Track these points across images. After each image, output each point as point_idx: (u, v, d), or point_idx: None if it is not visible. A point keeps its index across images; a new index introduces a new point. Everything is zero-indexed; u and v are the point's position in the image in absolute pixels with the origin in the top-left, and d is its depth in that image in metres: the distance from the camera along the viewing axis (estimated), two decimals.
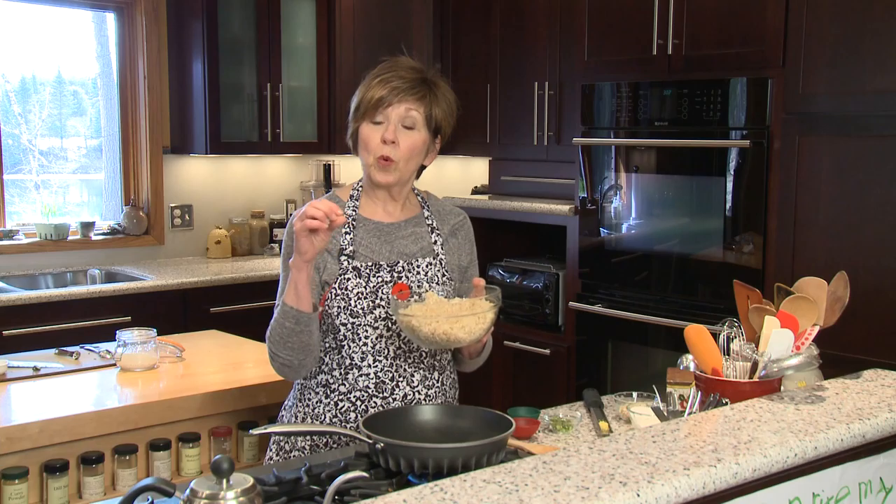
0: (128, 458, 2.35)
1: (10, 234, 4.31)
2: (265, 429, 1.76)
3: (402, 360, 2.05)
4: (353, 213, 2.09)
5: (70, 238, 4.43)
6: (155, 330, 2.78)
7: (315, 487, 1.64)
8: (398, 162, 2.03)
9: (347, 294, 2.01)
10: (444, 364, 2.12)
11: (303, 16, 4.84)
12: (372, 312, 2.01)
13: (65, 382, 2.62)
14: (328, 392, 2.05)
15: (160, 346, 2.80)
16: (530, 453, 1.79)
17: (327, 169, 5.02)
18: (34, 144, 4.62)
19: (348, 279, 2.02)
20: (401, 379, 2.05)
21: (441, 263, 2.11)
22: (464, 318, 1.86)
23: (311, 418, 2.07)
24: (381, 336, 2.03)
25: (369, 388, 2.03)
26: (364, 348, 2.03)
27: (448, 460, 1.63)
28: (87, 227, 4.50)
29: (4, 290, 3.93)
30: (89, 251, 4.48)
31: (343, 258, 2.04)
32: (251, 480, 1.37)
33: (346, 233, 2.06)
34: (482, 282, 1.96)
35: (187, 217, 4.80)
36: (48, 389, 2.55)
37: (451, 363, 2.17)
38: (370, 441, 1.69)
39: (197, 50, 4.52)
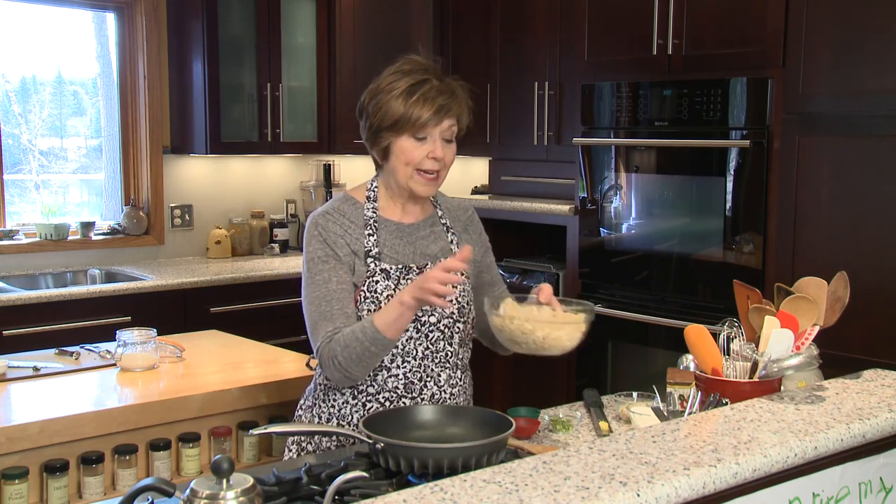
0: (128, 458, 2.35)
1: (10, 234, 4.31)
2: (265, 429, 1.76)
3: (429, 360, 2.06)
4: (374, 214, 2.09)
5: (70, 238, 4.43)
6: (155, 330, 2.78)
7: (315, 487, 1.64)
8: (442, 172, 2.06)
9: (377, 297, 2.01)
10: (465, 363, 2.16)
11: (303, 16, 4.84)
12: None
13: (65, 382, 2.62)
14: (356, 393, 2.06)
15: (160, 346, 2.80)
16: (530, 453, 1.79)
17: (327, 169, 5.02)
18: (34, 144, 4.62)
19: (377, 282, 2.02)
20: (428, 379, 2.06)
21: None
22: (568, 325, 1.87)
23: (339, 419, 2.07)
24: (410, 338, 2.04)
25: (398, 388, 2.04)
26: (394, 350, 2.03)
27: (448, 460, 1.63)
28: (87, 227, 4.50)
29: (4, 290, 3.93)
30: (89, 251, 4.48)
31: (370, 260, 2.04)
32: (251, 480, 1.37)
33: (369, 234, 2.06)
34: (549, 289, 1.95)
35: (187, 217, 4.80)
36: (48, 389, 2.55)
37: (468, 363, 2.19)
38: (370, 441, 1.69)
39: (197, 50, 4.52)
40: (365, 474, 1.53)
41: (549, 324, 1.86)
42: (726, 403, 1.80)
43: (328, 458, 1.86)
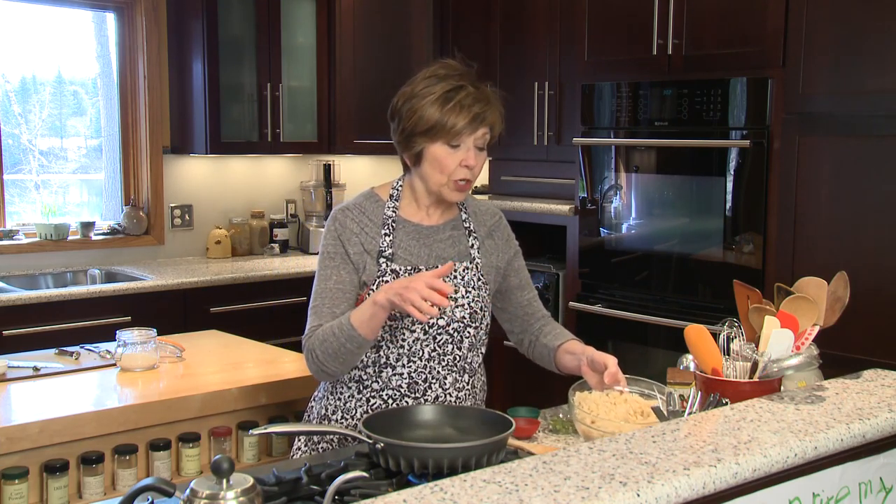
0: (128, 458, 2.35)
1: (10, 234, 4.31)
2: (265, 429, 1.76)
3: (435, 362, 2.05)
4: (394, 213, 2.09)
5: (70, 238, 4.43)
6: (155, 330, 2.78)
7: (315, 487, 1.64)
8: (472, 181, 2.07)
9: None
10: (475, 367, 2.14)
11: (303, 16, 4.84)
12: (409, 315, 2.00)
13: (65, 382, 2.62)
14: (361, 388, 2.06)
15: (160, 346, 2.80)
16: (530, 453, 1.79)
17: (327, 169, 5.02)
18: (34, 144, 4.62)
19: (386, 282, 2.02)
20: (433, 381, 2.06)
21: (477, 268, 2.11)
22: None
23: (343, 412, 2.08)
24: (417, 339, 2.04)
25: (402, 387, 2.04)
26: (400, 350, 2.04)
27: (448, 460, 1.63)
28: (87, 227, 4.50)
29: (4, 290, 3.93)
30: (89, 251, 4.48)
31: (382, 260, 2.04)
32: (251, 480, 1.37)
33: (385, 234, 2.06)
34: (614, 364, 1.98)
35: (187, 217, 4.80)
36: (48, 389, 2.55)
37: (482, 366, 2.19)
38: (370, 441, 1.69)
39: (197, 50, 4.52)
40: (365, 474, 1.53)
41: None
42: (726, 403, 1.80)
43: (328, 458, 1.86)
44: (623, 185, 3.75)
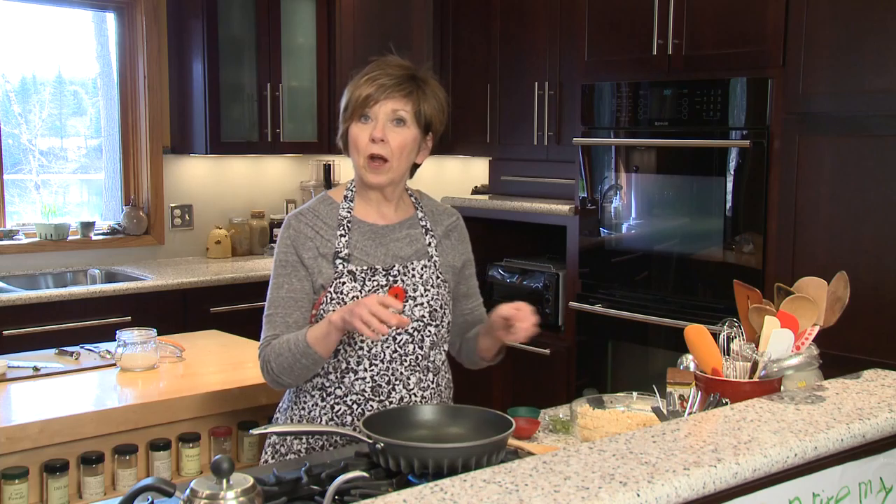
0: (128, 458, 2.35)
1: (10, 234, 4.31)
2: (265, 429, 1.76)
3: (397, 363, 2.03)
4: (348, 214, 2.08)
5: (70, 238, 4.43)
6: (155, 330, 2.78)
7: (315, 487, 1.64)
8: (391, 161, 2.02)
9: (343, 298, 2.00)
10: (438, 365, 2.11)
11: (303, 16, 4.85)
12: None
13: (65, 382, 2.62)
14: (324, 395, 2.05)
15: (160, 346, 2.80)
16: (530, 453, 1.79)
17: (327, 169, 5.02)
18: (34, 144, 4.62)
19: (343, 283, 2.01)
20: (397, 382, 2.04)
21: (435, 266, 2.10)
22: None
23: (308, 421, 2.06)
24: (376, 340, 2.02)
25: (366, 391, 2.02)
26: (360, 353, 2.02)
27: (448, 460, 1.63)
28: (87, 227, 4.50)
29: (4, 290, 3.93)
30: (89, 251, 4.48)
31: (338, 261, 2.02)
32: (251, 480, 1.37)
33: (340, 235, 2.05)
34: (508, 312, 2.02)
35: (187, 217, 4.80)
36: (48, 389, 2.55)
37: (446, 363, 2.16)
38: (370, 441, 1.69)
39: (197, 50, 4.52)
40: (365, 474, 1.53)
41: None
42: (726, 403, 1.80)
43: (328, 458, 1.86)
44: (623, 185, 3.75)
